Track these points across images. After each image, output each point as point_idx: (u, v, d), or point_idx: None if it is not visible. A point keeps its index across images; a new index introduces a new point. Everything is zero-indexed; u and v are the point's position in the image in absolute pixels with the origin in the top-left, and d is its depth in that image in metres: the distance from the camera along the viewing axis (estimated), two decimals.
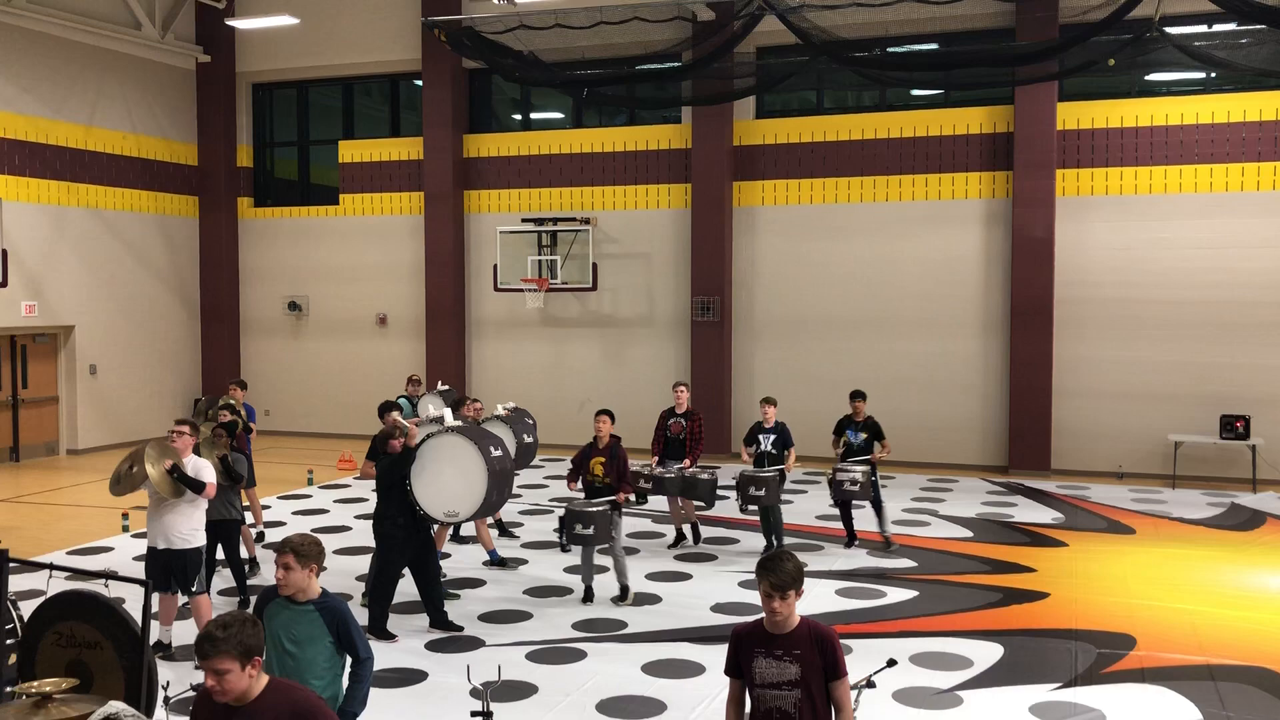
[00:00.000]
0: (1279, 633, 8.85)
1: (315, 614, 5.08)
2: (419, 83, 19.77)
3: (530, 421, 12.62)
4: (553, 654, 8.43)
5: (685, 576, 10.65)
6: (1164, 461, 15.71)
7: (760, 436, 11.45)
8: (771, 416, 11.45)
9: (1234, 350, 15.58)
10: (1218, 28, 14.81)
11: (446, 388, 10.11)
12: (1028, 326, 16.32)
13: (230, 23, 19.49)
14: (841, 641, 8.49)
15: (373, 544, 9.29)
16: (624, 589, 9.86)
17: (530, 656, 8.37)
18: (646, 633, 8.93)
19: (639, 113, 18.94)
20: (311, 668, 5.05)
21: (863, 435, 11.55)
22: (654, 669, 8.06)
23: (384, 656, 8.32)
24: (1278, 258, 15.40)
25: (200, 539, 8.21)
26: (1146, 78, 16.37)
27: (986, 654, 8.37)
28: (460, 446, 8.92)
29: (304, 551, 5.03)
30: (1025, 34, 15.59)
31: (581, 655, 8.40)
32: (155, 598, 7.38)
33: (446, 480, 8.87)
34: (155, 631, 7.90)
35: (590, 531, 9.60)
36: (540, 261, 18.47)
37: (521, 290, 18.46)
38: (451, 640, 8.75)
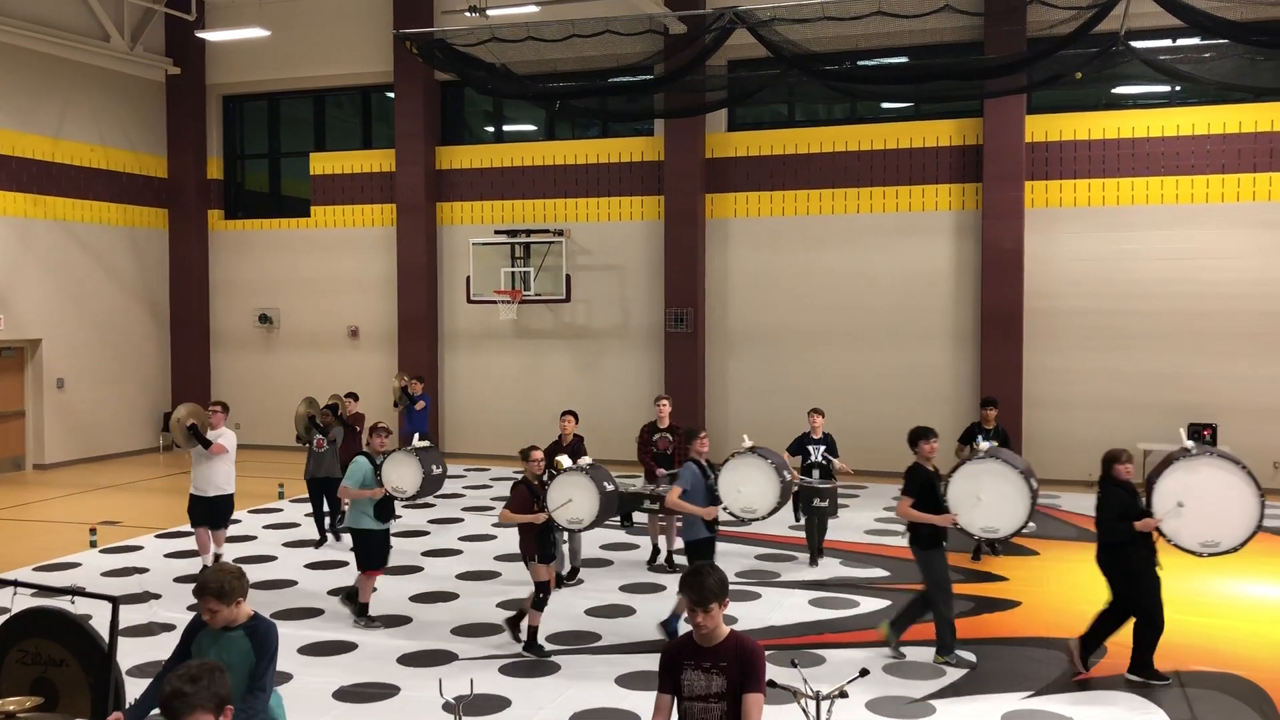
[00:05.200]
0: (1247, 639, 8.94)
1: (244, 638, 4.93)
2: (391, 95, 19.73)
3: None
4: (526, 667, 8.39)
5: (659, 588, 10.63)
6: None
7: (809, 447, 11.57)
8: (820, 426, 11.56)
9: (1201, 359, 15.76)
10: (1182, 42, 15.01)
11: (426, 444, 10.11)
12: (998, 337, 16.44)
13: (200, 35, 19.37)
14: (813, 651, 8.53)
15: (345, 558, 9.24)
16: (574, 570, 10.80)
17: (503, 670, 8.33)
18: (620, 645, 8.91)
19: (611, 125, 18.97)
20: (236, 692, 4.86)
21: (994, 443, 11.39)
22: (627, 681, 8.04)
23: (355, 671, 8.27)
24: (1243, 268, 15.60)
25: (232, 488, 11.18)
26: (1113, 91, 16.58)
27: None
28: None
29: (225, 592, 4.89)
30: (994, 48, 15.74)
31: (555, 668, 8.37)
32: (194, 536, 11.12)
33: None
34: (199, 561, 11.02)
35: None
36: (513, 273, 18.45)
37: (495, 302, 18.43)
38: (423, 654, 8.70)
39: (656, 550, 11.91)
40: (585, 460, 9.22)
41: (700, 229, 18.05)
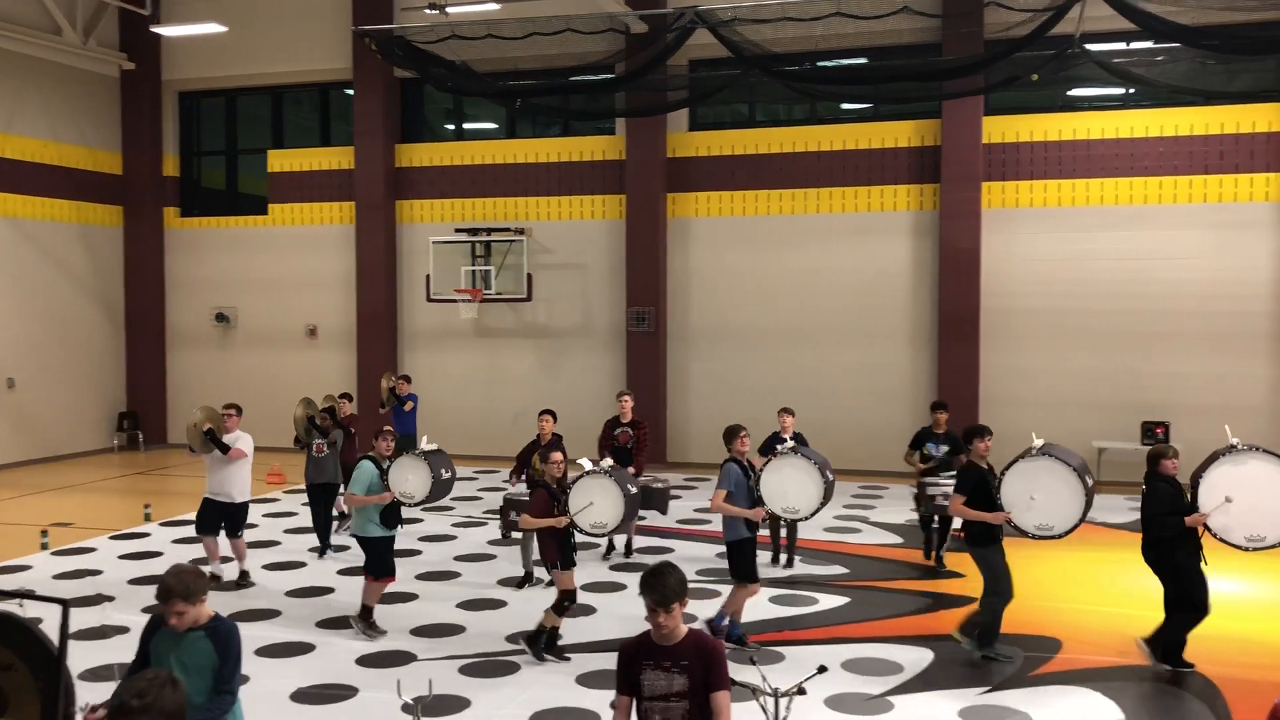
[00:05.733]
0: (1198, 633, 9.07)
1: (205, 639, 4.86)
2: (350, 92, 19.59)
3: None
4: (486, 667, 8.36)
5: (620, 587, 10.64)
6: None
7: (779, 447, 11.30)
8: (790, 426, 11.38)
9: (1154, 358, 16.00)
10: (1135, 45, 15.22)
11: (434, 447, 10.07)
12: (955, 336, 16.60)
13: (155, 30, 19.13)
14: (773, 649, 8.56)
15: (302, 560, 9.15)
16: (527, 573, 10.74)
17: (463, 670, 8.29)
18: (581, 644, 8.90)
19: (573, 124, 18.95)
20: (198, 694, 4.81)
21: (945, 447, 11.37)
22: (588, 680, 8.04)
23: (313, 672, 8.20)
24: (1196, 269, 15.86)
25: (249, 494, 10.78)
26: (1069, 93, 16.79)
27: (916, 659, 8.48)
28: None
29: (191, 592, 4.83)
30: (951, 49, 15.88)
31: (515, 668, 8.35)
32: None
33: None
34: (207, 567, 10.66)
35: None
36: (474, 272, 18.37)
37: (455, 301, 18.34)
38: (382, 655, 8.64)
39: (612, 546, 11.98)
40: (607, 462, 9.01)
41: (662, 228, 18.07)
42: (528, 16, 14.65)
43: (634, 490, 8.86)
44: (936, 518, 11.22)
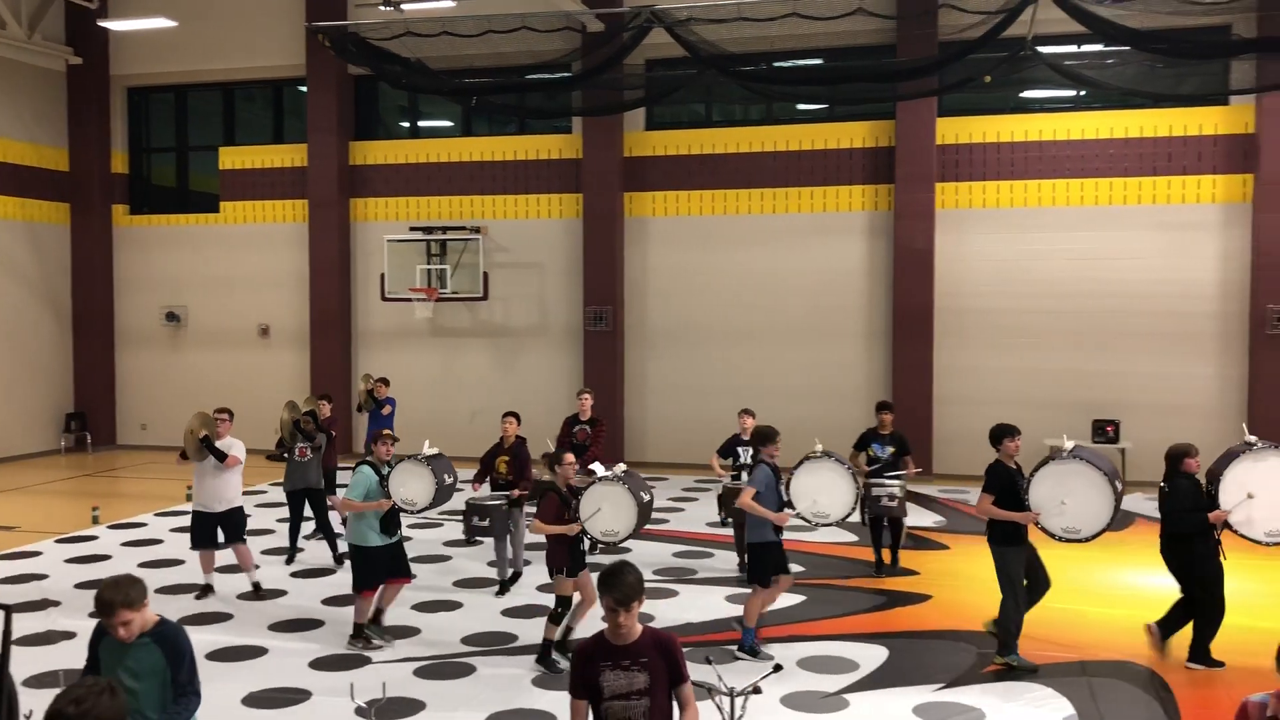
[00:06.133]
0: (1140, 629, 9.19)
1: (152, 645, 4.77)
2: (303, 88, 19.37)
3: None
4: (441, 669, 8.30)
5: None
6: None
7: (739, 449, 11.26)
8: (750, 427, 11.18)
9: (1104, 357, 16.22)
10: (1087, 48, 15.42)
11: (435, 451, 9.99)
12: (909, 335, 16.74)
13: (103, 24, 18.81)
14: (729, 648, 8.57)
15: (254, 562, 8.98)
16: (515, 575, 10.54)
17: (418, 672, 8.22)
18: (536, 645, 8.85)
19: (529, 122, 18.87)
20: (151, 702, 4.75)
21: (890, 449, 11.17)
22: (544, 681, 8.00)
23: (265, 676, 8.09)
24: (1145, 269, 16.10)
25: (240, 499, 10.33)
26: (1021, 95, 16.98)
27: (872, 656, 8.53)
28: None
29: (132, 600, 4.73)
30: (906, 51, 16.00)
31: (470, 670, 8.30)
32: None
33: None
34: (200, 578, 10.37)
35: (486, 524, 10.24)
36: (429, 271, 18.25)
37: (410, 300, 18.20)
38: (336, 658, 8.55)
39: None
40: (620, 467, 8.95)
41: (619, 227, 18.05)
42: (483, 14, 14.56)
43: (647, 498, 8.79)
44: (886, 520, 11.03)
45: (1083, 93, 16.42)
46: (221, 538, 10.29)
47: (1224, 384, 15.93)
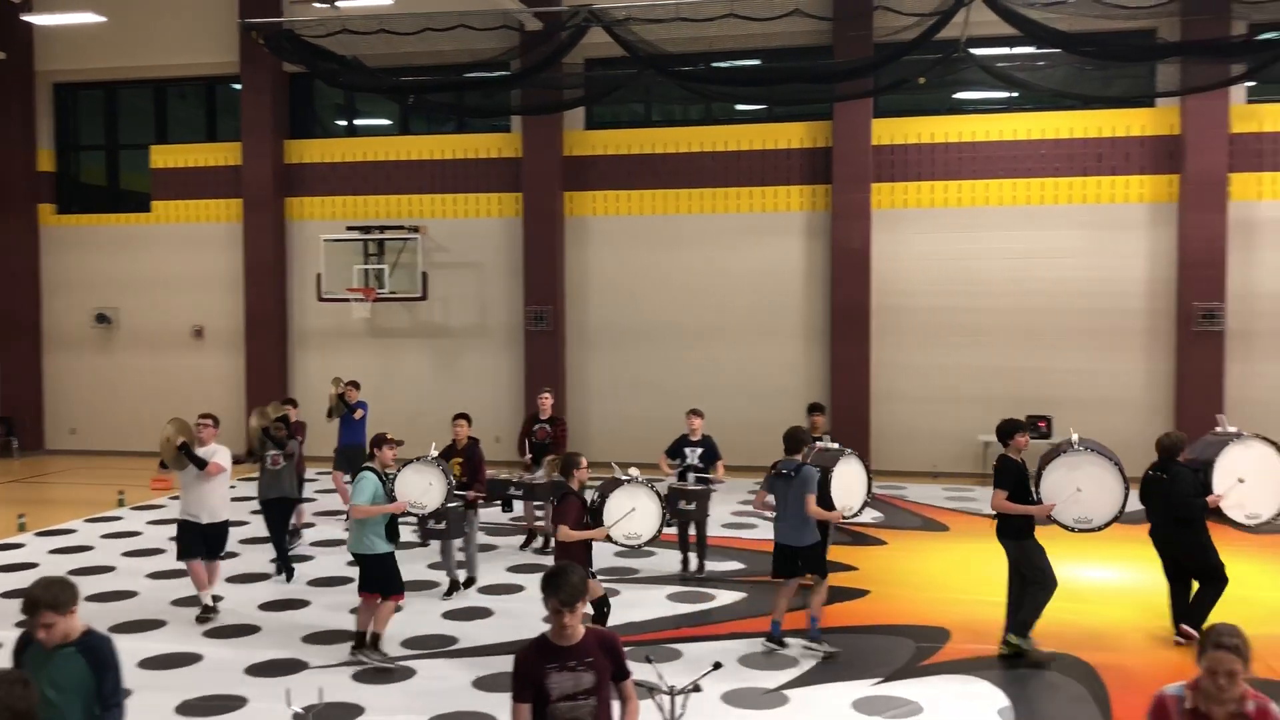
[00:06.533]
0: (1081, 621, 9.39)
1: (77, 655, 4.64)
2: (237, 86, 19.07)
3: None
4: (380, 673, 8.22)
5: (517, 589, 10.57)
6: (975, 460, 16.54)
7: (686, 449, 11.04)
8: (699, 429, 11.08)
9: (1037, 354, 16.53)
10: (1018, 50, 15.69)
11: (436, 454, 9.90)
12: (847, 334, 16.92)
13: (27, 19, 18.34)
14: (670, 646, 8.59)
15: (185, 569, 8.82)
16: (470, 580, 10.49)
17: (356, 677, 8.14)
18: (477, 647, 8.82)
19: (468, 121, 18.77)
20: (73, 714, 4.61)
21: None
22: (485, 683, 7.96)
23: (198, 683, 7.95)
24: (1074, 267, 16.42)
25: (228, 512, 9.83)
26: (955, 96, 17.23)
27: (811, 652, 8.59)
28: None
29: (60, 602, 4.60)
30: (842, 52, 16.17)
31: (411, 673, 8.22)
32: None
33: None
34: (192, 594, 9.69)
35: (442, 527, 10.09)
36: (367, 270, 18.07)
37: (347, 300, 18.00)
38: (272, 664, 8.43)
39: (533, 535, 12.17)
40: (634, 470, 9.03)
41: (559, 227, 18.01)
42: (421, 12, 14.47)
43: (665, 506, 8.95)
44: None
45: (1015, 94, 16.71)
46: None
47: (1152, 379, 16.30)
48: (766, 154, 17.46)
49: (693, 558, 11.09)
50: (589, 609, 8.32)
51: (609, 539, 8.57)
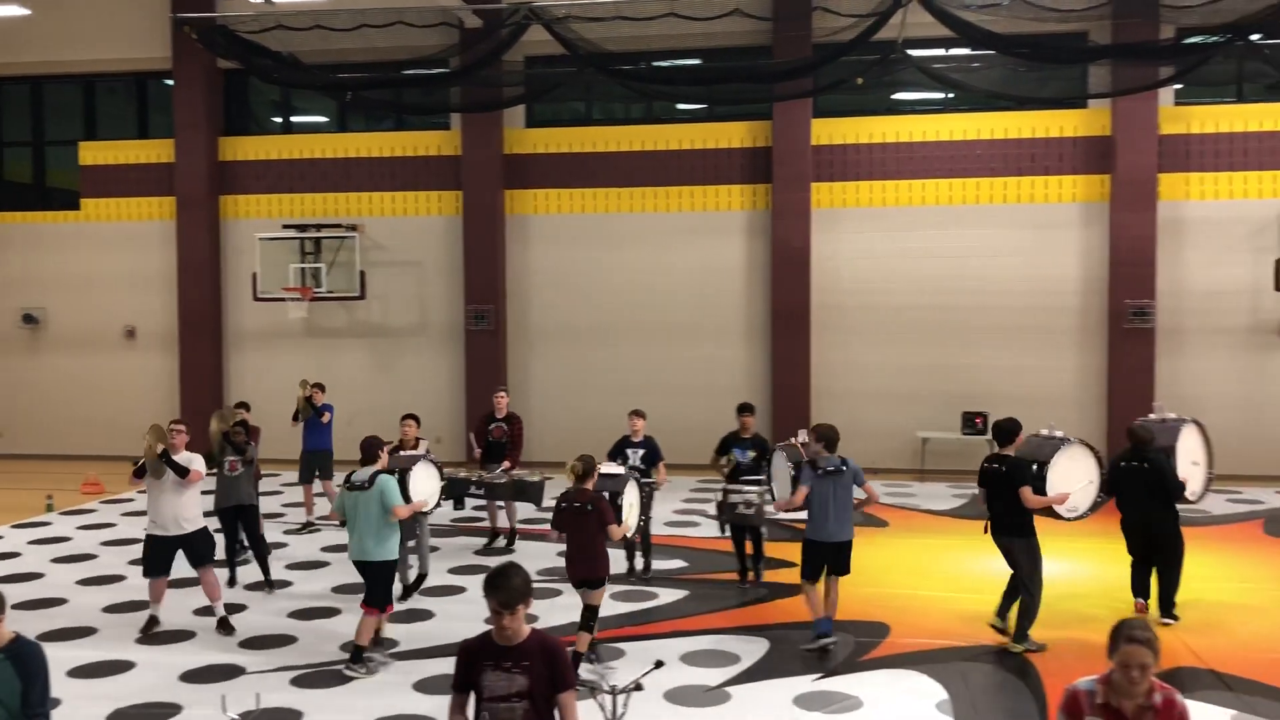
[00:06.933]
0: (1012, 614, 9.53)
1: (5, 663, 4.54)
2: (169, 82, 18.70)
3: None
4: (319, 677, 8.11)
5: (459, 590, 10.49)
6: (913, 457, 16.74)
7: (629, 450, 10.88)
8: (641, 429, 10.95)
9: (973, 351, 16.77)
10: (954, 52, 15.91)
11: (430, 453, 9.86)
12: (787, 332, 17.03)
13: None
14: (613, 645, 8.59)
15: (120, 573, 8.66)
16: (421, 577, 10.39)
17: (295, 681, 8.02)
18: (418, 650, 8.73)
19: (407, 118, 18.59)
20: None
21: (751, 453, 10.77)
22: (426, 686, 7.89)
23: (131, 691, 7.79)
24: (1010, 266, 16.69)
25: (203, 520, 9.34)
26: (893, 97, 17.42)
27: (753, 649, 8.65)
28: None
29: None
30: (781, 52, 16.27)
31: (350, 677, 8.12)
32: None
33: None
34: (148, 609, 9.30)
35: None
36: (303, 270, 17.82)
37: (284, 300, 17.74)
38: (208, 669, 8.27)
39: (495, 533, 12.20)
40: (616, 466, 9.19)
41: (500, 225, 17.91)
42: (357, 8, 14.30)
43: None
44: (747, 530, 10.45)
45: (951, 95, 16.93)
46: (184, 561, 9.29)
47: (1085, 376, 16.62)
48: (707, 153, 17.51)
49: (639, 557, 11.07)
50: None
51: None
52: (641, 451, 10.85)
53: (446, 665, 8.18)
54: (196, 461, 9.16)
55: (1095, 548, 11.27)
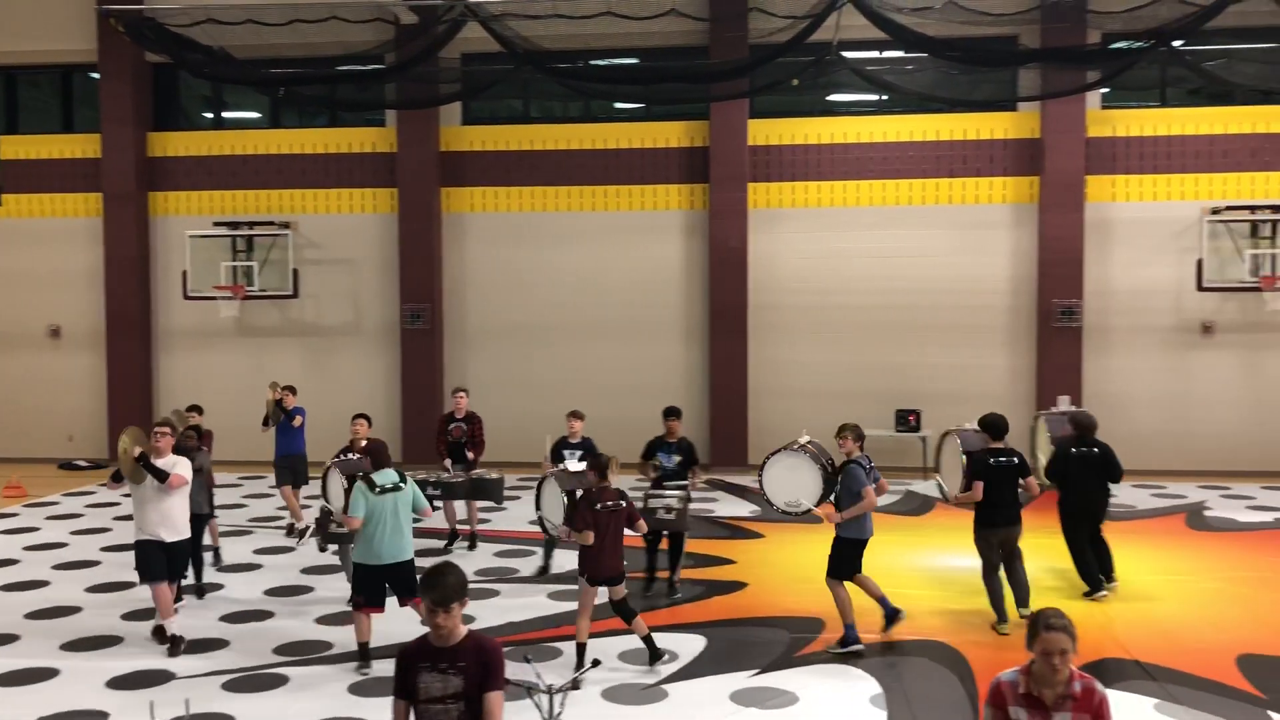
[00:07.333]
0: (948, 609, 9.70)
1: None
2: (95, 75, 18.27)
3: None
4: (252, 682, 7.99)
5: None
6: None
7: (565, 452, 10.82)
8: (579, 431, 10.90)
9: (906, 350, 17.00)
10: (888, 54, 16.13)
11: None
12: (725, 331, 17.12)
13: None
14: (552, 645, 8.57)
15: (45, 579, 8.45)
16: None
17: (227, 686, 7.89)
18: (353, 652, 8.62)
19: (341, 115, 18.36)
20: None
21: (676, 458, 10.70)
22: (361, 689, 7.81)
23: (57, 699, 7.61)
24: (942, 266, 16.94)
25: (188, 530, 8.96)
26: (828, 98, 17.58)
27: (690, 646, 8.68)
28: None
29: None
30: (718, 53, 16.34)
31: (283, 681, 8.02)
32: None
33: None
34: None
35: (345, 530, 9.54)
36: (235, 268, 17.53)
37: (215, 298, 17.43)
38: (137, 675, 8.10)
39: (454, 534, 12.14)
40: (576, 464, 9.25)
41: (436, 223, 17.77)
42: (290, 2, 14.11)
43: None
44: (666, 534, 10.21)
45: (885, 97, 17.13)
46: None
47: (1014, 374, 16.93)
48: (645, 152, 17.54)
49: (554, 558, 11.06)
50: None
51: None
52: (579, 453, 10.80)
53: (381, 667, 8.14)
54: (181, 465, 8.72)
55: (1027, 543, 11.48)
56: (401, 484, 8.29)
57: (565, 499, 8.81)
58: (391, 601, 8.33)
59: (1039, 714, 4.27)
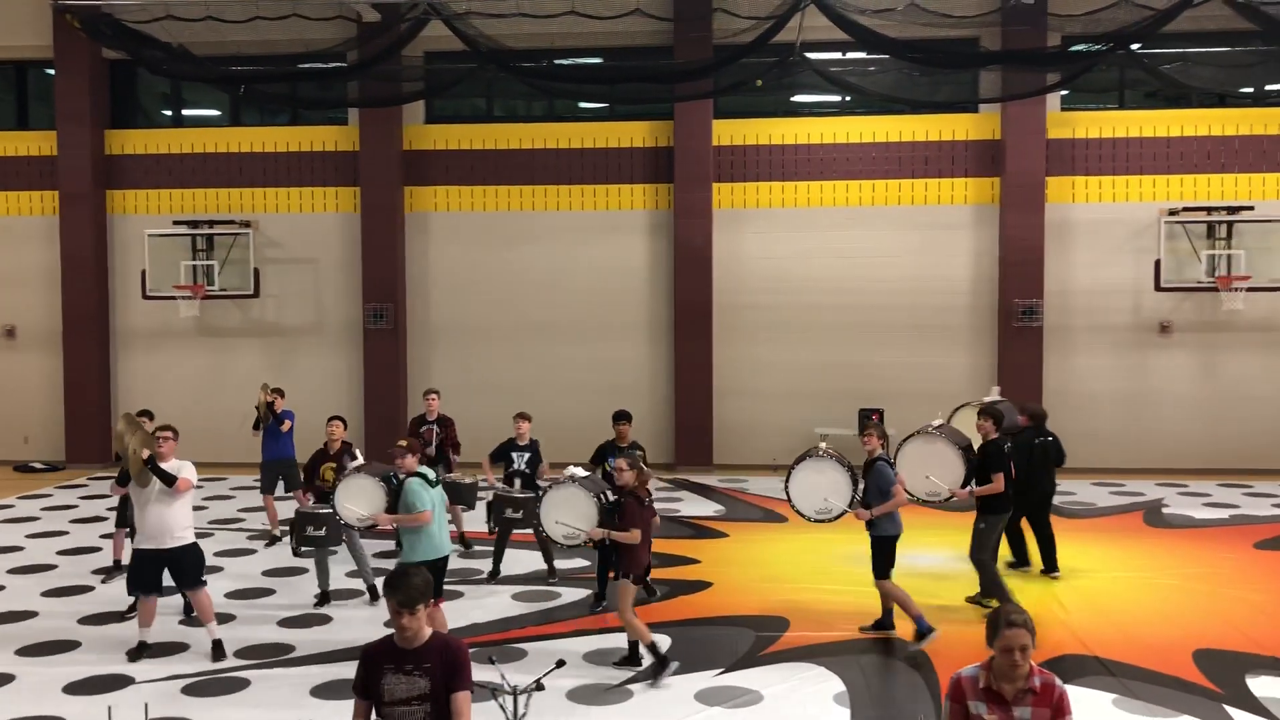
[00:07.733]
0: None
1: None
2: (51, 71, 17.99)
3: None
4: (212, 685, 7.90)
5: (357, 594, 10.31)
6: None
7: (513, 454, 10.74)
8: (526, 433, 10.81)
9: (869, 349, 17.10)
10: (851, 55, 16.22)
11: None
12: (690, 331, 17.14)
13: None
14: (516, 646, 8.54)
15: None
16: (371, 589, 10.05)
17: (186, 690, 7.80)
18: (315, 655, 8.57)
19: (302, 113, 18.20)
20: None
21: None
22: (322, 693, 7.75)
23: (11, 705, 7.49)
24: (904, 266, 17.06)
25: (193, 535, 8.57)
26: (792, 99, 17.66)
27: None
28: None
29: None
30: (682, 53, 16.35)
31: (245, 684, 7.94)
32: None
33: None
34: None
35: (322, 533, 9.65)
36: (195, 267, 17.34)
37: (174, 298, 17.23)
38: (95, 680, 7.99)
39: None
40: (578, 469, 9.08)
41: (399, 222, 17.66)
42: None
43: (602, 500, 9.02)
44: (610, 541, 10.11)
45: (848, 98, 17.23)
46: (169, 581, 8.57)
47: (976, 372, 17.07)
48: (609, 152, 17.52)
49: (505, 559, 10.95)
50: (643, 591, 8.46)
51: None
52: (527, 455, 10.81)
53: (344, 670, 8.08)
54: (186, 469, 8.40)
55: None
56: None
57: (599, 501, 8.62)
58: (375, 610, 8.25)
59: (999, 709, 4.31)
